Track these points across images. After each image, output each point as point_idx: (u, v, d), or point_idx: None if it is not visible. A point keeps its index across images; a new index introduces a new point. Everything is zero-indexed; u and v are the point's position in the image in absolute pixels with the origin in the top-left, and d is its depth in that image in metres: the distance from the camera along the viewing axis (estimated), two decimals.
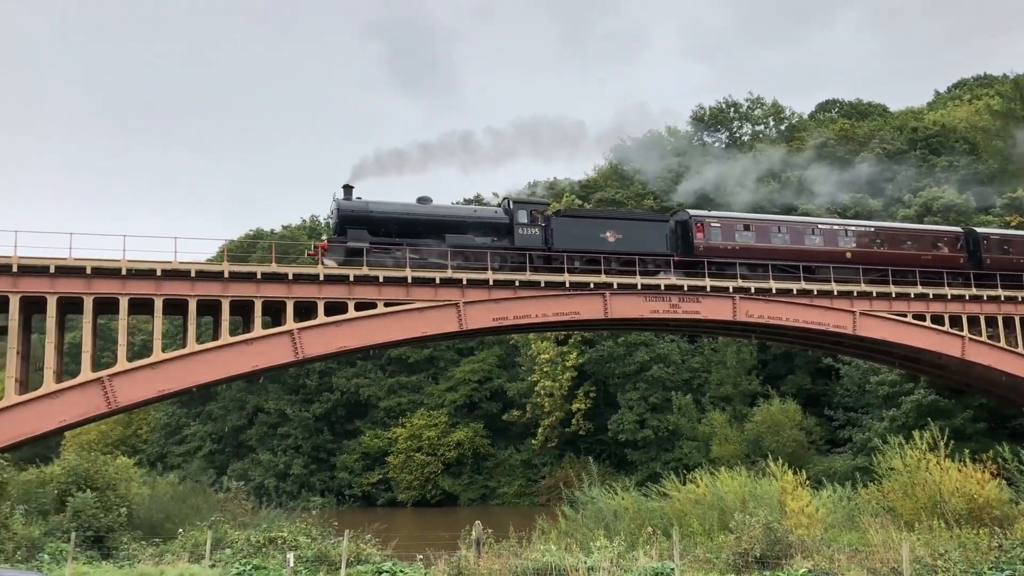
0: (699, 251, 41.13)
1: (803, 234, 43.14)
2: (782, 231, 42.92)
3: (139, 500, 28.65)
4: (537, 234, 39.00)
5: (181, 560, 21.96)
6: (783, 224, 43.91)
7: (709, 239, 41.24)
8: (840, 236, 43.82)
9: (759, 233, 42.44)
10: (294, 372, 74.56)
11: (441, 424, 75.38)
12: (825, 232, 43.85)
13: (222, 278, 33.98)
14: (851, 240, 43.75)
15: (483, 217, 39.35)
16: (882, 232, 45.59)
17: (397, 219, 37.98)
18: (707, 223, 41.63)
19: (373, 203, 38.04)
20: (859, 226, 46.14)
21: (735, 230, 42.01)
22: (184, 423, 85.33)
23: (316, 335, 35.14)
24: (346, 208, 37.47)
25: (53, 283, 31.90)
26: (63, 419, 31.56)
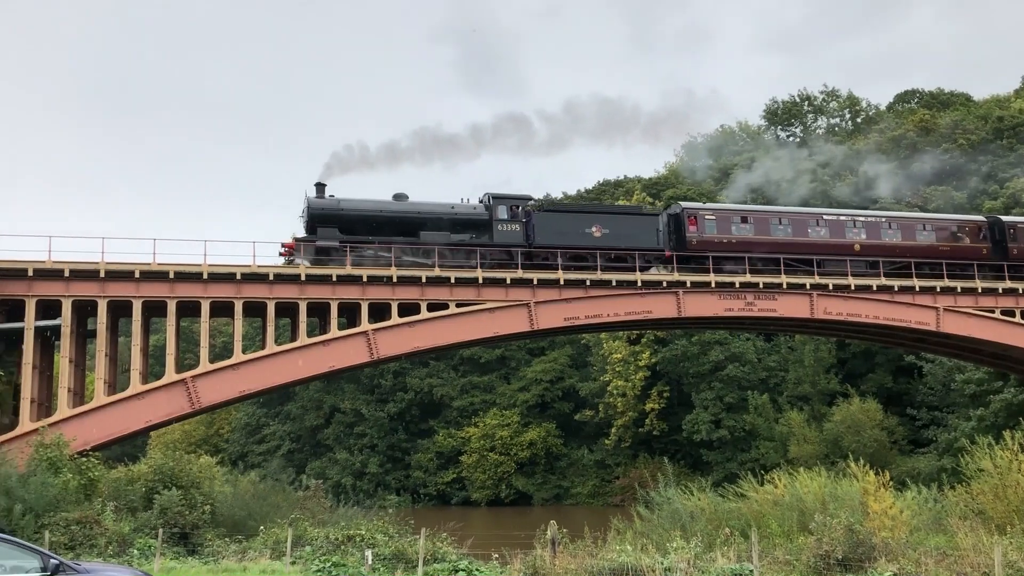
0: (692, 245, 39.60)
1: (807, 225, 41.25)
2: (784, 223, 41.03)
3: (222, 498, 29.32)
4: (517, 230, 38.03)
5: (263, 557, 22.45)
6: (785, 215, 42.04)
7: (703, 232, 39.68)
8: (848, 227, 41.80)
9: (758, 225, 40.65)
10: (369, 372, 75.60)
11: (513, 424, 75.58)
12: (831, 223, 41.82)
13: (299, 281, 34.71)
14: (860, 232, 41.83)
15: (460, 213, 38.10)
16: (895, 222, 43.37)
17: (369, 217, 37.03)
18: (701, 216, 40.10)
19: (345, 200, 37.26)
20: (869, 216, 44.48)
21: (732, 223, 40.34)
22: (264, 423, 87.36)
23: (390, 336, 35.67)
24: (316, 206, 36.60)
25: (138, 287, 33.03)
26: (149, 419, 32.71)
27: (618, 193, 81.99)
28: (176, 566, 21.57)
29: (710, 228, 39.77)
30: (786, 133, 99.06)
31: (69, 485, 26.37)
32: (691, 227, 39.52)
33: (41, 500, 24.66)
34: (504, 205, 38.18)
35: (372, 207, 37.25)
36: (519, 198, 38.85)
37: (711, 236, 39.66)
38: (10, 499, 24.12)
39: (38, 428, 29.97)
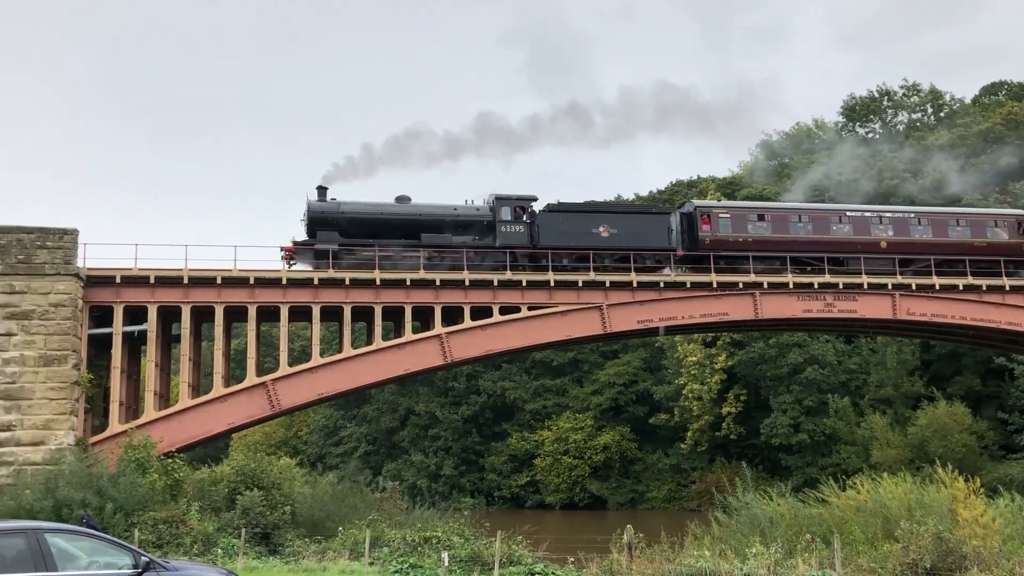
0: (704, 244, 38.60)
1: (829, 223, 39.77)
2: (803, 220, 39.68)
3: (301, 499, 29.91)
4: (521, 231, 37.35)
5: (342, 557, 22.82)
6: (805, 212, 40.65)
7: (716, 231, 38.61)
8: (873, 224, 40.17)
9: (776, 223, 39.35)
10: (442, 375, 76.23)
11: (587, 427, 75.28)
12: (855, 220, 40.18)
13: (374, 285, 35.21)
14: (887, 228, 40.11)
15: (463, 215, 37.62)
16: (925, 218, 41.34)
17: (369, 219, 36.76)
18: (715, 214, 39.05)
19: (345, 203, 37.07)
20: (896, 212, 41.98)
21: (747, 221, 39.18)
22: (341, 425, 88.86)
23: (463, 339, 35.90)
24: (316, 209, 36.45)
25: (220, 293, 33.94)
26: (231, 421, 33.58)
27: (691, 193, 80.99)
28: (258, 565, 22.07)
29: (724, 227, 38.70)
30: (865, 130, 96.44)
31: (156, 485, 27.23)
32: (704, 226, 38.56)
33: (130, 499, 25.52)
34: (508, 206, 37.52)
35: (372, 210, 37.04)
36: (524, 198, 38.07)
37: (725, 235, 38.59)
38: (102, 498, 25.01)
39: (126, 430, 31.06)
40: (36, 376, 29.74)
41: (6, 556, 9.64)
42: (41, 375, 29.78)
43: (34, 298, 30.33)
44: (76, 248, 31.30)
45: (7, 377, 29.50)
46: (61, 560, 9.92)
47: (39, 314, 30.24)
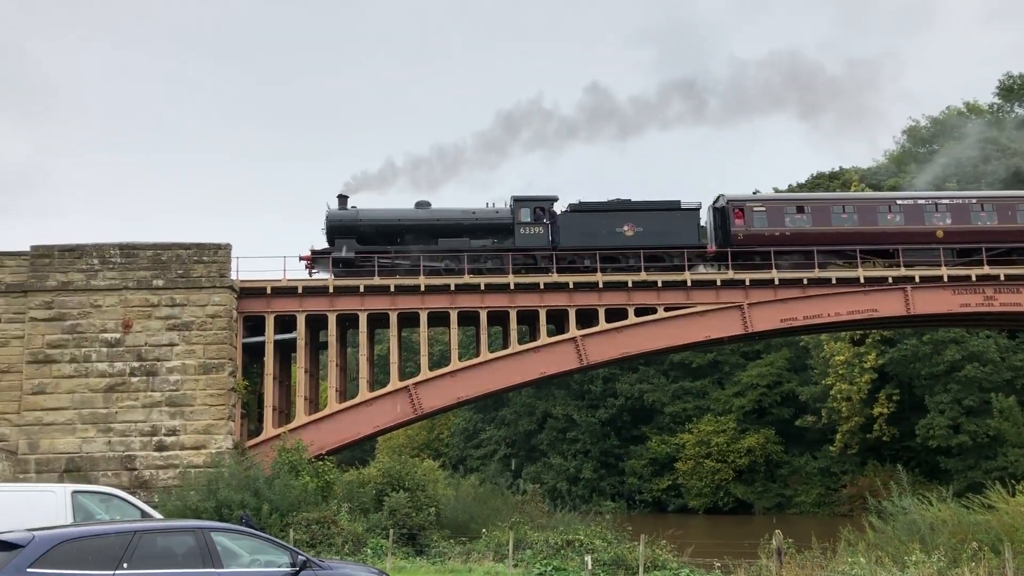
0: (737, 240, 36.99)
1: (876, 212, 37.44)
2: (848, 211, 37.43)
3: (445, 501, 30.53)
4: (541, 233, 36.64)
5: (486, 559, 23.11)
6: (849, 202, 38.41)
7: (751, 226, 36.93)
8: (928, 212, 37.54)
9: (817, 215, 37.31)
10: (578, 378, 76.04)
11: (730, 430, 73.41)
12: (907, 208, 37.66)
13: (509, 290, 35.58)
14: (944, 215, 37.40)
15: (482, 218, 37.24)
16: (990, 203, 38.18)
17: (387, 226, 36.87)
18: (748, 208, 37.26)
19: (363, 211, 37.25)
20: (955, 198, 38.90)
21: (784, 213, 37.31)
22: (480, 428, 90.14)
23: (598, 341, 35.78)
24: (334, 218, 36.71)
25: (363, 301, 35.12)
26: (377, 424, 34.67)
27: (833, 185, 77.79)
28: (406, 565, 22.63)
29: (759, 221, 37.02)
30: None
31: (308, 487, 28.38)
32: (737, 221, 37.00)
33: (285, 500, 26.71)
34: (527, 207, 36.91)
35: (389, 216, 37.13)
36: (544, 199, 37.39)
37: (760, 229, 36.91)
38: (259, 499, 26.28)
39: (280, 434, 32.58)
40: (196, 384, 31.63)
41: (177, 553, 10.25)
42: (201, 383, 31.64)
43: (193, 310, 32.27)
44: (229, 262, 33.12)
45: (171, 385, 31.50)
46: (226, 558, 10.45)
47: (197, 325, 32.14)
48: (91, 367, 31.46)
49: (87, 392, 31.23)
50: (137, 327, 31.87)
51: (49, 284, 32.05)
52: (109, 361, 31.55)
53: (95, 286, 32.16)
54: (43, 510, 12.21)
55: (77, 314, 31.85)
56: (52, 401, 31.05)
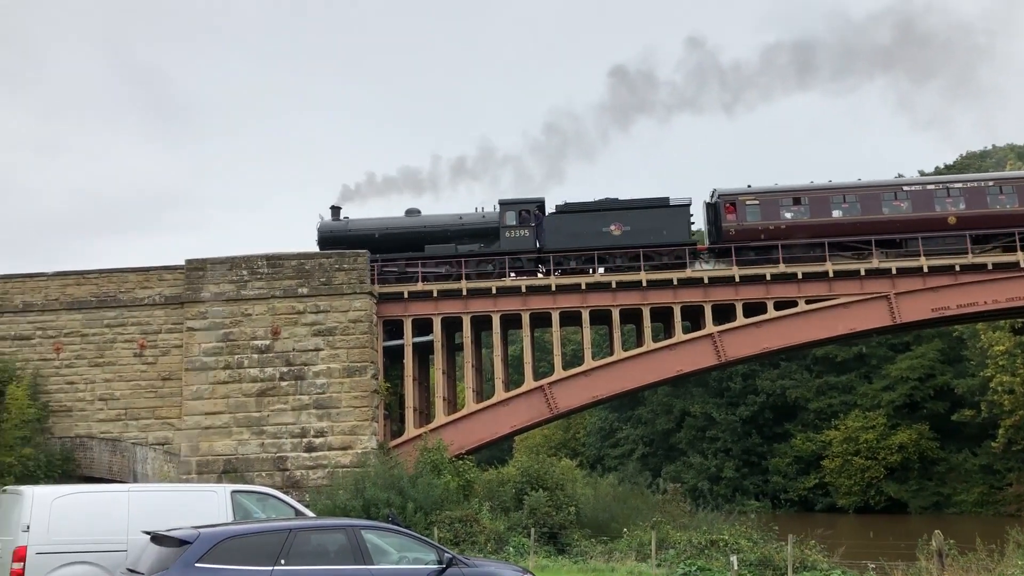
0: (729, 235, 35.52)
1: (880, 201, 35.30)
2: (848, 200, 35.40)
3: (584, 500, 30.49)
4: (527, 235, 36.27)
5: (628, 558, 22.91)
6: (850, 191, 35.76)
7: (743, 220, 35.41)
8: (939, 198, 35.17)
9: (815, 206, 35.43)
10: (716, 375, 74.40)
11: (879, 426, 70.05)
12: (915, 195, 35.30)
13: (641, 287, 35.20)
14: (957, 200, 34.95)
15: (468, 223, 37.18)
16: (1009, 185, 35.33)
17: (375, 234, 37.16)
18: (741, 202, 35.63)
19: (352, 221, 37.96)
20: (968, 181, 36.09)
21: (780, 206, 35.60)
22: (616, 427, 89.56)
23: (736, 337, 34.90)
24: (325, 229, 37.50)
25: (496, 302, 35.53)
26: (513, 424, 35.00)
27: (986, 165, 73.15)
28: (548, 564, 22.70)
29: (752, 215, 35.49)
30: None
31: (450, 485, 28.94)
32: (728, 215, 35.56)
33: (428, 499, 27.32)
34: (513, 210, 36.66)
35: (377, 225, 37.59)
36: (530, 201, 37.10)
37: (753, 223, 35.38)
38: (404, 497, 26.99)
39: (421, 434, 33.41)
40: (341, 387, 32.81)
41: (330, 550, 10.63)
42: (345, 385, 32.81)
43: (336, 316, 33.50)
44: (367, 269, 34.20)
45: (318, 388, 32.81)
46: (375, 555, 10.77)
47: (340, 330, 33.34)
48: (244, 373, 33.16)
49: (241, 396, 32.92)
50: (285, 333, 33.37)
51: (203, 295, 33.98)
52: (260, 367, 33.16)
53: (245, 296, 33.88)
54: (206, 509, 12.90)
55: (229, 323, 33.63)
56: (209, 406, 32.89)
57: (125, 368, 34.20)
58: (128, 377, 34.12)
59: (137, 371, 34.14)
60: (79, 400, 34.12)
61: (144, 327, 34.43)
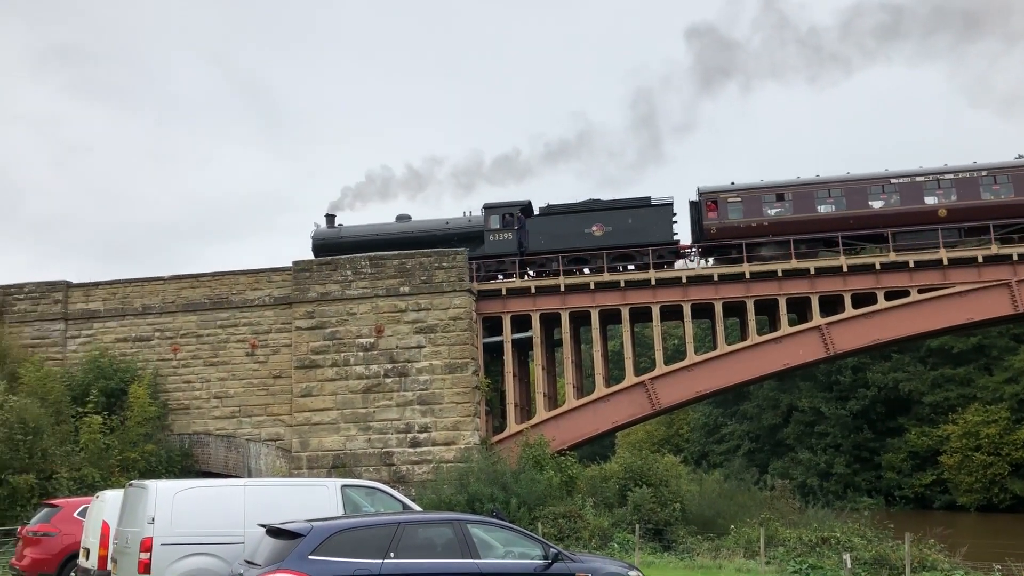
0: (711, 233, 35.32)
1: (866, 194, 34.46)
2: (834, 195, 34.66)
3: (689, 496, 30.08)
4: (510, 238, 36.67)
5: (736, 556, 22.46)
6: (836, 185, 34.95)
7: (725, 218, 35.14)
8: (928, 189, 34.12)
9: (799, 202, 34.80)
10: (824, 368, 72.13)
11: (1002, 420, 66.60)
12: (904, 188, 34.21)
13: (744, 279, 34.48)
14: (949, 192, 33.97)
15: (455, 228, 37.99)
16: (1004, 174, 33.91)
17: (366, 240, 38.27)
18: (722, 199, 35.33)
19: (345, 228, 39.42)
20: (958, 172, 34.42)
21: (763, 203, 35.11)
22: (721, 422, 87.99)
23: (845, 329, 33.85)
24: (318, 236, 39.13)
25: (594, 298, 35.42)
26: (615, 420, 34.80)
27: None
28: (654, 561, 22.47)
29: (735, 212, 35.20)
30: None
31: (552, 481, 28.98)
32: (710, 213, 35.34)
33: (531, 494, 27.43)
34: (497, 214, 37.21)
35: (367, 231, 38.94)
36: (513, 204, 37.60)
37: (735, 221, 35.06)
38: (507, 492, 27.18)
39: (522, 429, 33.58)
40: (443, 383, 33.27)
41: (437, 544, 10.78)
42: (447, 382, 33.26)
43: (436, 313, 34.00)
44: (466, 267, 34.56)
45: (421, 385, 33.36)
46: (482, 549, 10.85)
47: (441, 327, 33.81)
48: (350, 370, 34.00)
49: (347, 393, 33.78)
50: (388, 331, 34.05)
51: (310, 296, 35.00)
52: (365, 364, 33.94)
53: (349, 295, 34.73)
54: (317, 503, 13.24)
55: (335, 322, 34.53)
56: (318, 403, 33.87)
57: (238, 367, 35.55)
58: (241, 376, 35.46)
59: (249, 370, 35.44)
60: (196, 398, 35.66)
61: (255, 327, 35.71)
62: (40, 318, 37.56)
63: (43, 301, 37.79)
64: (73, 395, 32.97)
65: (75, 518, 17.77)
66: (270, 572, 9.74)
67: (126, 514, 13.06)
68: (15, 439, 28.13)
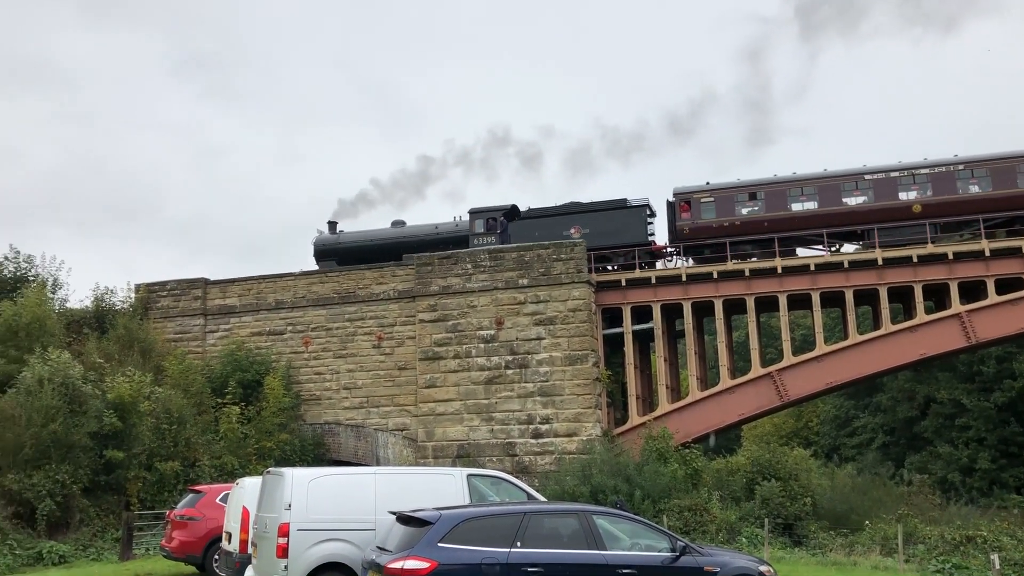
0: (684, 234, 35.49)
1: (840, 191, 34.11)
2: (807, 192, 34.41)
3: (820, 491, 29.10)
4: (493, 241, 37.75)
5: (872, 553, 21.59)
6: (809, 183, 34.60)
7: (697, 218, 35.31)
8: (903, 185, 33.44)
9: (771, 201, 34.60)
10: (965, 358, 68.20)
11: None
12: (878, 184, 33.63)
13: (876, 266, 33.08)
14: (925, 187, 33.25)
15: (443, 233, 39.58)
16: (980, 167, 32.81)
17: (362, 246, 40.62)
18: (696, 200, 35.54)
19: (343, 235, 41.80)
20: (933, 166, 33.51)
21: (735, 202, 35.10)
22: (853, 415, 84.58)
23: (988, 317, 32.02)
24: (319, 242, 41.63)
25: (717, 287, 34.68)
26: (741, 412, 34.00)
27: None
28: (784, 556, 21.86)
29: (708, 212, 35.34)
30: None
31: (677, 474, 28.58)
32: (683, 214, 35.61)
33: (655, 487, 27.13)
34: (481, 218, 38.50)
35: (362, 237, 41.23)
36: (496, 209, 38.78)
37: (708, 221, 35.17)
38: (630, 485, 26.96)
39: (645, 422, 33.25)
40: (564, 375, 33.30)
41: (563, 534, 10.80)
42: (568, 373, 33.26)
43: (555, 305, 34.03)
44: (584, 258, 34.43)
45: (541, 376, 33.49)
46: (608, 540, 10.81)
47: (560, 319, 33.83)
48: (471, 362, 34.47)
49: (470, 384, 34.26)
50: (508, 324, 34.33)
51: (432, 289, 35.66)
52: (486, 356, 34.34)
53: (470, 288, 35.19)
54: (444, 491, 13.48)
55: (457, 314, 35.08)
56: (441, 393, 34.50)
57: (365, 359, 36.61)
58: (368, 367, 36.50)
59: (376, 362, 36.44)
60: (326, 389, 36.94)
61: (380, 320, 36.68)
62: (181, 314, 39.72)
63: (184, 298, 39.95)
64: (212, 387, 34.70)
65: (217, 503, 18.72)
66: (401, 558, 9.97)
67: (264, 500, 13.62)
68: (161, 428, 29.87)
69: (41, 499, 25.12)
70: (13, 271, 37.22)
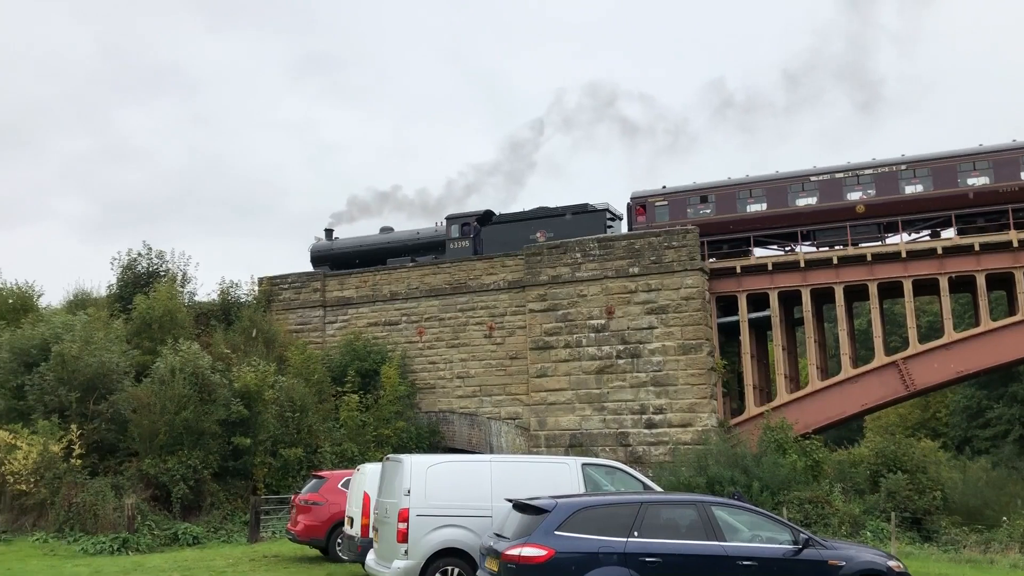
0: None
1: (787, 193, 34.25)
2: (755, 194, 34.60)
3: (951, 484, 27.78)
4: (467, 245, 39.08)
5: (1011, 550, 20.46)
6: (757, 186, 34.82)
7: (652, 221, 35.91)
8: (848, 186, 33.48)
9: (722, 203, 35.07)
10: None
11: None
12: (823, 185, 33.74)
13: (1010, 248, 31.25)
14: (869, 187, 33.13)
15: (423, 238, 41.42)
16: (923, 167, 32.47)
17: (351, 252, 42.98)
18: (651, 203, 36.34)
19: (336, 241, 44.15)
20: (878, 166, 33.25)
21: (687, 205, 35.72)
22: (986, 405, 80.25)
23: None
24: (315, 249, 43.97)
25: (838, 273, 33.51)
26: (864, 403, 32.77)
27: None
28: (913, 551, 20.96)
29: (661, 215, 35.98)
30: None
31: (797, 465, 27.76)
32: (639, 217, 36.39)
33: (774, 478, 26.40)
34: (456, 223, 39.92)
35: (351, 243, 43.45)
36: (470, 215, 40.22)
37: (661, 224, 35.39)
38: (748, 476, 26.34)
39: (762, 412, 32.42)
40: (677, 364, 32.82)
41: (681, 524, 10.65)
42: (681, 363, 32.76)
43: (667, 293, 33.55)
44: (697, 245, 33.80)
45: (654, 366, 33.11)
46: (727, 531, 10.60)
47: (673, 308, 33.33)
48: (582, 351, 34.39)
49: (581, 374, 34.20)
50: (619, 313, 34.08)
51: (541, 279, 35.73)
52: (597, 345, 34.18)
53: (579, 277, 35.09)
54: (559, 480, 13.50)
55: (567, 304, 35.04)
56: (552, 383, 34.57)
57: (477, 349, 37.06)
58: (480, 357, 36.93)
59: (487, 351, 36.83)
60: (440, 378, 37.59)
61: (491, 310, 37.03)
62: (302, 305, 41.15)
63: (304, 290, 41.37)
64: (332, 376, 35.80)
65: (339, 489, 19.29)
66: (518, 545, 10.05)
67: (384, 486, 13.97)
68: (285, 416, 31.01)
69: (175, 483, 26.50)
70: (146, 267, 39.25)
